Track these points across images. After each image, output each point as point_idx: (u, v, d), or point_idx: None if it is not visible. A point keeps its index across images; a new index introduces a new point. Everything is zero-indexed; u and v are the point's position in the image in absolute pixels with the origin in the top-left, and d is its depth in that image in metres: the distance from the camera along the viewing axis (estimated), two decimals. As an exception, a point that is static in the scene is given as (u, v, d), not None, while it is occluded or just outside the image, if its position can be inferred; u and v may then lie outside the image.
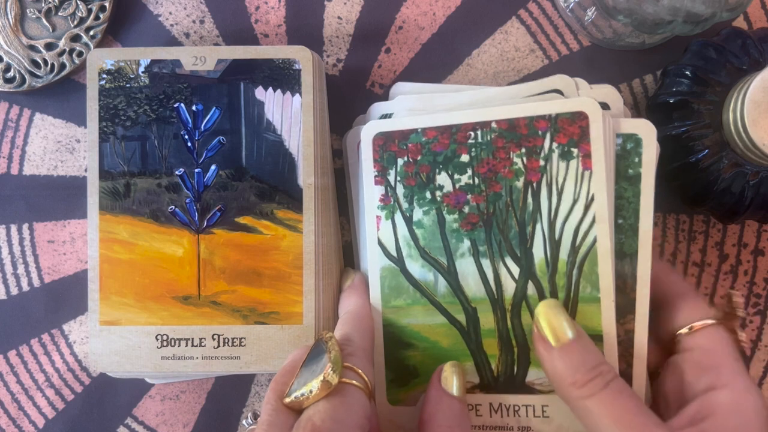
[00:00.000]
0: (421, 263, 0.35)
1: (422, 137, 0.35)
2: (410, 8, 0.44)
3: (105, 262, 0.39)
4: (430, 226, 0.35)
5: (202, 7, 0.44)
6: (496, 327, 0.34)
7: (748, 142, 0.36)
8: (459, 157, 0.34)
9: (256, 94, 0.39)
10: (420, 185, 0.35)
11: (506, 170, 0.34)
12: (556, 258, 0.34)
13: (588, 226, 0.33)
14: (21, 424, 0.44)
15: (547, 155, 0.33)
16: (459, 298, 0.35)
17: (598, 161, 0.33)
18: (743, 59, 0.38)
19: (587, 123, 0.33)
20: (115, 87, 0.39)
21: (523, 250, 0.34)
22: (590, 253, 0.33)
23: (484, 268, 0.34)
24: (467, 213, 0.34)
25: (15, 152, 0.45)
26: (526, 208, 0.34)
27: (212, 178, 0.39)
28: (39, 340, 0.44)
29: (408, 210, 0.35)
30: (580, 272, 0.33)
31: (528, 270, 0.34)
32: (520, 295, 0.34)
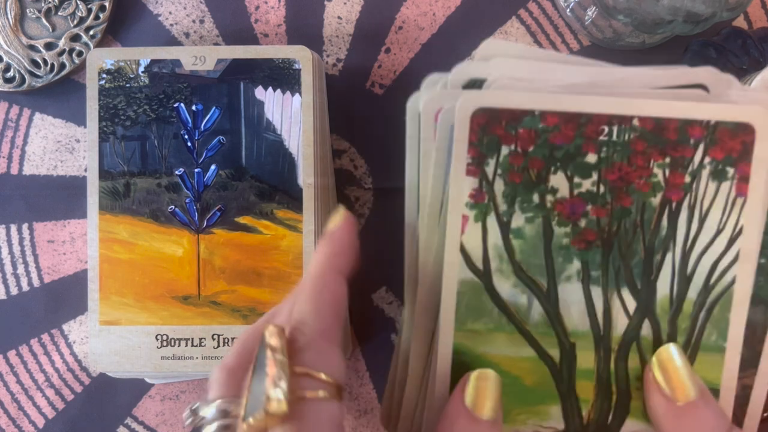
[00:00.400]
0: (514, 282, 0.28)
1: (539, 123, 0.27)
2: (410, 8, 0.44)
3: (105, 262, 0.39)
4: (532, 238, 0.28)
5: (201, 6, 0.44)
6: (595, 368, 0.28)
7: (748, 141, 0.36)
8: (584, 156, 0.27)
9: (256, 93, 0.39)
10: (527, 184, 0.27)
11: (642, 182, 0.27)
12: (683, 296, 0.28)
13: (728, 263, 0.27)
14: (21, 424, 0.44)
15: (695, 171, 0.27)
16: (555, 330, 0.28)
17: (756, 188, 0.27)
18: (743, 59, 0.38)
19: (753, 139, 0.26)
20: (114, 87, 0.39)
21: (646, 281, 0.28)
22: (724, 296, 0.27)
23: (593, 298, 0.28)
24: (583, 228, 0.27)
25: (15, 152, 0.45)
26: (659, 232, 0.27)
27: (212, 177, 0.39)
28: (39, 340, 0.44)
29: (506, 213, 0.27)
30: (708, 316, 0.28)
31: (646, 306, 0.28)
32: (632, 334, 0.28)
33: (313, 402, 0.24)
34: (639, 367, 0.28)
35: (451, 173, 0.27)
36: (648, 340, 0.28)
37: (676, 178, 0.27)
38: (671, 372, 0.27)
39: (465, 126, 0.27)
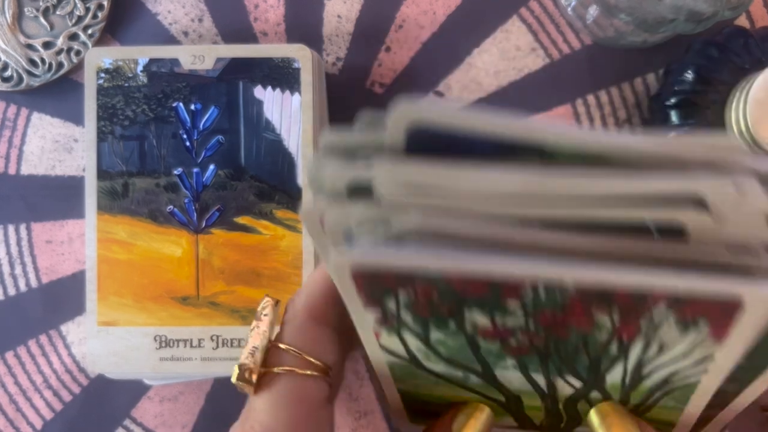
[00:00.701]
0: (445, 365, 0.24)
1: (439, 278, 0.20)
2: (410, 7, 0.44)
3: (103, 263, 0.39)
4: (458, 346, 0.23)
5: (200, 5, 0.44)
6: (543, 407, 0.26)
7: (750, 140, 0.36)
8: (505, 304, 0.20)
9: (255, 93, 0.39)
10: (439, 318, 0.22)
11: (583, 323, 0.21)
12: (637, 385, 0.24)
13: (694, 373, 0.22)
14: (19, 426, 0.44)
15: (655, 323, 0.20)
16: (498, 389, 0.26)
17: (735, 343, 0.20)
18: (745, 58, 0.38)
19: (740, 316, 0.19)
20: (113, 86, 0.39)
21: (593, 376, 0.24)
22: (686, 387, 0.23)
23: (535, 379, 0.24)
24: (515, 345, 0.22)
25: (12, 152, 0.44)
26: (607, 354, 0.22)
27: (211, 177, 0.39)
28: (37, 341, 0.44)
29: (422, 332, 0.23)
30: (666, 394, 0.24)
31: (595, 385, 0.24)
32: (578, 396, 0.25)
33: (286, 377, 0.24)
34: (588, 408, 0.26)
35: (348, 305, 0.22)
36: (598, 399, 0.25)
37: (630, 326, 0.20)
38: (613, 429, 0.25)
39: (349, 286, 0.21)
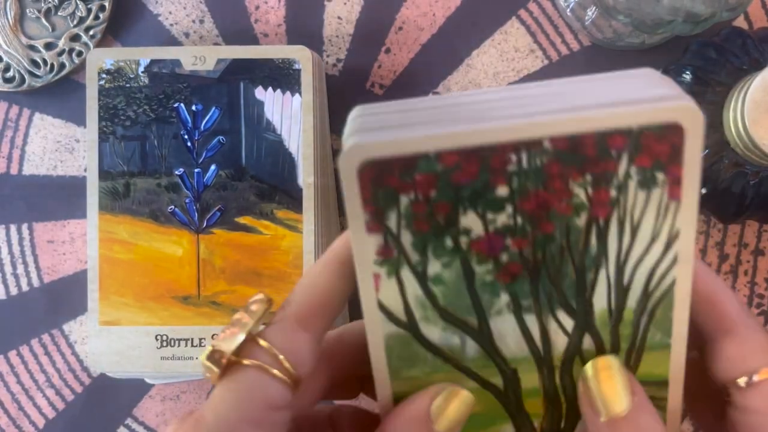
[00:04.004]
0: (443, 326, 0.26)
1: (437, 165, 0.23)
2: (410, 9, 0.44)
3: (104, 262, 0.39)
4: (454, 282, 0.25)
5: (201, 6, 0.44)
6: (541, 386, 0.27)
7: (748, 141, 0.36)
8: (494, 191, 0.24)
9: (256, 93, 0.39)
10: (437, 230, 0.24)
11: (563, 205, 0.24)
12: (622, 307, 0.26)
13: (666, 267, 0.25)
14: (21, 425, 0.44)
15: (621, 183, 0.24)
16: (494, 361, 0.27)
17: (690, 189, 0.24)
18: (743, 59, 0.38)
19: (682, 140, 0.23)
20: (114, 87, 0.39)
21: (581, 300, 0.26)
22: (665, 298, 0.26)
23: (528, 325, 0.26)
24: (506, 262, 0.25)
25: (14, 152, 0.45)
26: (588, 252, 0.25)
27: (212, 178, 0.39)
28: (39, 340, 0.44)
29: (420, 264, 0.25)
30: (651, 319, 0.26)
31: (585, 323, 0.26)
32: (573, 351, 0.26)
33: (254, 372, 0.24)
34: None
35: (351, 232, 0.24)
36: (591, 351, 0.26)
37: (601, 195, 0.24)
38: (603, 383, 0.25)
39: (353, 183, 0.23)
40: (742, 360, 0.25)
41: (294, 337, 0.25)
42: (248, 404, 0.23)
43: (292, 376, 0.24)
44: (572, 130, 0.23)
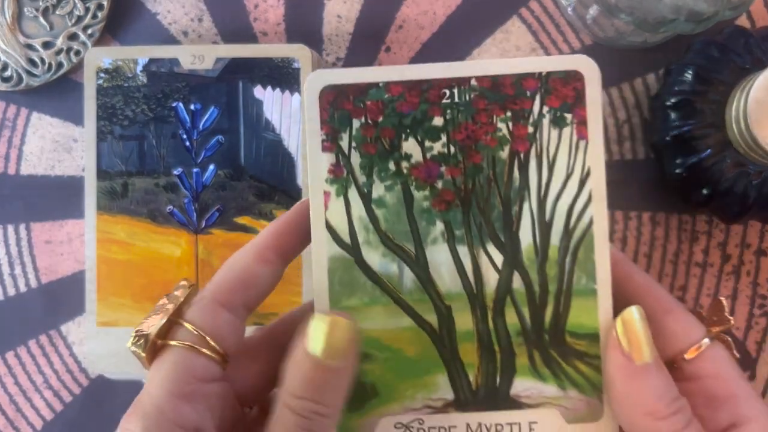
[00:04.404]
0: (383, 252, 0.29)
1: (384, 93, 0.28)
2: (410, 7, 0.43)
3: (102, 263, 0.39)
4: (394, 205, 0.29)
5: (200, 5, 0.44)
6: (475, 329, 0.29)
7: (751, 141, 0.35)
8: (431, 120, 0.29)
9: (255, 93, 0.39)
10: (381, 154, 0.29)
11: (488, 137, 0.29)
12: (546, 243, 0.29)
13: (583, 205, 0.29)
14: (19, 426, 0.44)
15: (536, 121, 0.29)
16: (429, 294, 0.29)
17: (594, 129, 0.28)
18: (746, 58, 0.38)
19: (583, 85, 0.28)
20: (112, 86, 0.39)
21: (508, 234, 0.29)
22: (585, 238, 0.29)
23: (461, 257, 0.29)
24: (441, 189, 0.29)
25: (12, 152, 0.44)
26: (512, 184, 0.29)
27: (210, 177, 0.39)
28: (37, 341, 0.44)
29: (366, 185, 0.29)
30: (575, 260, 0.29)
31: (513, 258, 0.29)
32: (504, 289, 0.29)
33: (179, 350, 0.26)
34: (517, 322, 0.29)
35: (308, 151, 0.29)
36: (521, 292, 0.29)
37: (520, 130, 0.29)
38: (632, 333, 0.27)
39: (315, 104, 0.28)
40: (685, 333, 0.28)
41: (212, 314, 0.27)
42: (176, 380, 0.25)
43: (214, 350, 0.26)
44: (493, 71, 0.29)
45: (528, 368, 0.29)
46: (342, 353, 0.26)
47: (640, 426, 0.26)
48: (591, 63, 0.28)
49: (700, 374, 0.28)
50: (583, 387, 0.28)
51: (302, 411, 0.25)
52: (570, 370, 0.28)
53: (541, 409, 0.29)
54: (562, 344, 0.28)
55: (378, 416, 0.29)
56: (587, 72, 0.28)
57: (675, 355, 0.28)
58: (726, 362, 0.28)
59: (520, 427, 0.29)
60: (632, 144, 0.43)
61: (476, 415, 0.29)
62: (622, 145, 0.43)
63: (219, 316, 0.27)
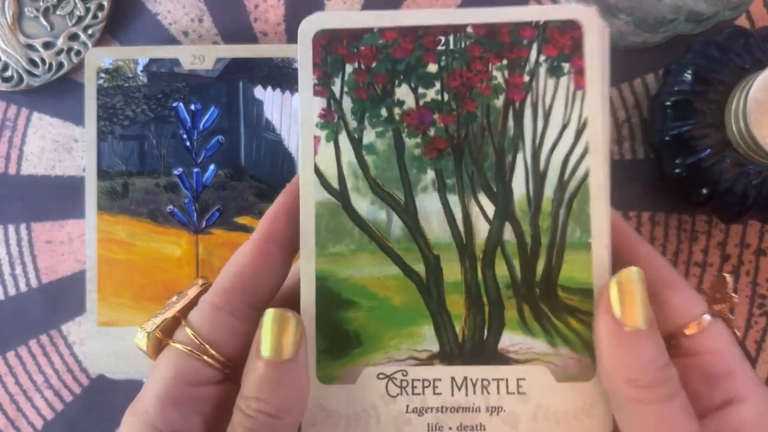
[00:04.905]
0: (371, 199, 0.28)
1: (379, 39, 0.28)
2: (410, 7, 0.43)
3: (103, 263, 0.39)
4: (385, 152, 0.28)
5: (200, 5, 0.44)
6: (463, 280, 0.28)
7: (750, 141, 0.35)
8: (425, 67, 0.28)
9: (255, 93, 0.39)
10: (374, 99, 0.28)
11: (483, 85, 0.28)
12: (540, 195, 0.28)
13: (579, 156, 0.28)
14: (19, 426, 0.44)
15: (532, 69, 0.28)
16: (418, 243, 0.28)
17: (592, 79, 0.28)
18: (746, 58, 0.38)
19: (581, 34, 0.28)
20: (113, 86, 0.39)
21: (501, 184, 0.28)
22: (581, 190, 0.28)
23: (451, 206, 0.28)
24: (433, 137, 0.28)
25: (12, 152, 0.44)
26: (507, 133, 0.28)
27: (211, 177, 0.39)
28: (37, 341, 0.44)
29: (357, 130, 0.28)
30: (569, 212, 0.28)
31: (505, 209, 0.28)
32: (494, 240, 0.28)
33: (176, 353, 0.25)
34: (507, 274, 0.28)
35: (300, 95, 0.28)
36: (512, 243, 0.28)
37: (516, 79, 0.28)
38: (627, 295, 0.26)
39: (308, 48, 0.28)
40: (686, 308, 0.27)
41: (210, 317, 0.26)
42: (166, 383, 0.25)
43: (210, 354, 0.26)
44: (490, 19, 0.28)
45: (517, 322, 0.28)
46: (288, 349, 0.25)
47: (621, 392, 0.25)
48: (591, 12, 0.28)
49: (699, 350, 0.27)
50: (574, 344, 0.27)
51: (247, 409, 0.25)
52: (561, 325, 0.27)
53: (530, 366, 0.28)
54: (554, 298, 0.27)
55: (361, 365, 0.28)
56: (586, 21, 0.28)
57: (674, 329, 0.27)
58: (726, 339, 0.27)
59: (507, 383, 0.28)
60: (632, 144, 0.43)
61: (462, 369, 0.28)
62: (622, 145, 0.43)
63: (217, 319, 0.26)
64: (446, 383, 0.28)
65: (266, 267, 0.27)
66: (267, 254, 0.27)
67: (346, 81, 0.28)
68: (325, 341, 0.28)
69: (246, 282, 0.27)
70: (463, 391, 0.28)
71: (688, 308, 0.27)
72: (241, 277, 0.27)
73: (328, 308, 0.28)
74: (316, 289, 0.28)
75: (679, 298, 0.27)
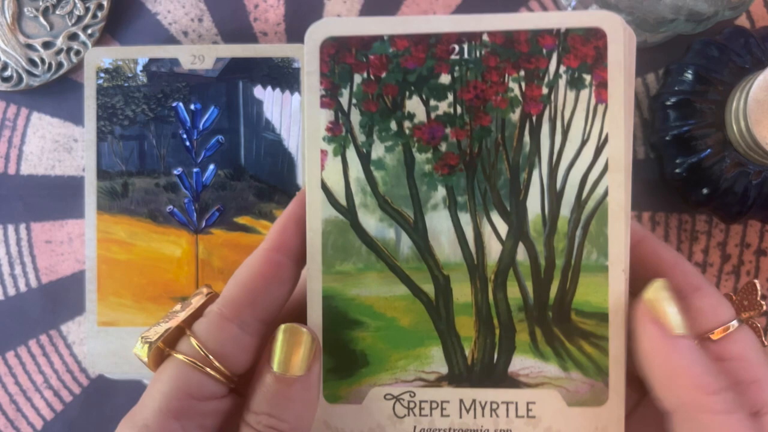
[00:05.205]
0: (380, 216, 0.27)
1: (389, 47, 0.26)
2: (410, 7, 0.43)
3: (103, 263, 0.39)
4: (394, 168, 0.27)
5: (200, 5, 0.44)
6: (473, 301, 0.27)
7: (750, 141, 0.35)
8: (437, 78, 0.26)
9: (255, 92, 0.39)
10: (383, 112, 0.27)
11: (499, 98, 0.26)
12: (555, 214, 0.27)
13: (598, 174, 0.26)
14: (19, 426, 0.44)
15: (552, 81, 0.26)
16: (427, 263, 0.27)
17: (615, 93, 0.26)
18: (746, 58, 0.38)
19: (605, 43, 0.26)
20: (112, 86, 0.39)
21: (515, 203, 0.27)
22: (599, 210, 0.26)
23: (462, 225, 0.27)
24: (444, 152, 0.27)
25: (12, 152, 0.44)
26: (522, 149, 0.26)
27: (211, 177, 0.39)
28: (37, 341, 0.44)
29: (365, 144, 0.27)
30: (585, 233, 0.26)
31: (519, 229, 0.27)
32: (507, 261, 0.27)
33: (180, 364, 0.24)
34: (519, 296, 0.27)
35: (306, 107, 0.27)
36: (525, 265, 0.27)
37: (533, 91, 0.26)
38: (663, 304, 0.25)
39: (315, 57, 0.27)
40: (713, 312, 0.26)
41: (218, 329, 0.25)
42: (169, 396, 0.24)
43: (216, 368, 0.25)
44: (508, 26, 0.26)
45: (528, 345, 0.27)
46: (301, 365, 0.25)
47: (690, 403, 0.24)
48: (616, 19, 0.26)
49: (725, 356, 0.26)
50: (587, 369, 0.26)
51: (257, 425, 0.24)
52: (574, 350, 0.26)
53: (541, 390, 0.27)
54: (567, 322, 0.26)
55: (368, 385, 0.27)
56: (611, 29, 0.26)
57: (699, 334, 0.26)
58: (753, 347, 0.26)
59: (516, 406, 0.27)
60: (632, 144, 0.43)
61: (470, 391, 0.27)
62: (622, 145, 0.43)
63: (225, 332, 0.25)
64: (454, 405, 0.27)
65: (277, 278, 0.26)
66: (278, 265, 0.26)
67: (354, 92, 0.27)
68: (331, 360, 0.27)
69: (256, 294, 0.26)
70: (472, 414, 0.27)
71: (715, 313, 0.27)
72: (252, 288, 0.26)
73: (334, 327, 0.27)
74: (323, 308, 0.27)
75: (706, 301, 0.27)
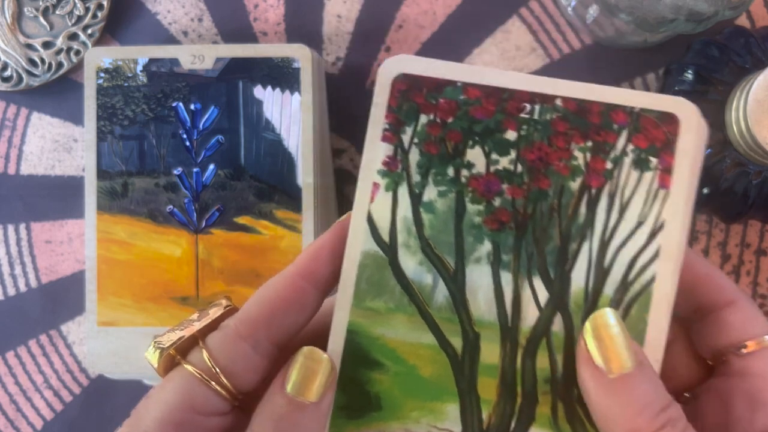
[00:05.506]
0: (420, 259, 0.26)
1: (461, 94, 0.26)
2: (410, 7, 0.43)
3: (102, 263, 0.39)
4: (444, 213, 0.26)
5: (200, 5, 0.44)
6: (500, 364, 0.26)
7: (750, 141, 0.35)
8: (504, 132, 0.26)
9: (255, 92, 0.39)
10: (443, 156, 0.26)
11: (562, 164, 0.26)
12: (599, 291, 0.26)
13: (648, 259, 0.26)
14: (19, 426, 0.44)
15: (617, 157, 0.26)
16: (460, 316, 0.26)
17: (679, 181, 0.26)
18: (746, 58, 0.38)
19: (676, 129, 0.26)
20: (112, 86, 0.39)
21: (560, 271, 0.26)
22: (643, 295, 0.26)
23: (502, 284, 0.26)
24: (497, 207, 0.26)
25: (12, 152, 0.44)
26: (576, 219, 0.26)
27: (211, 177, 0.39)
28: (37, 341, 0.44)
29: (419, 185, 0.26)
30: (625, 316, 0.26)
31: (559, 298, 0.26)
32: (542, 329, 0.26)
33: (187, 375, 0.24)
34: (548, 367, 0.26)
35: (367, 138, 0.26)
36: (559, 337, 0.26)
37: (597, 164, 0.26)
38: (606, 339, 0.24)
39: (385, 90, 0.26)
40: (743, 326, 0.26)
41: (231, 346, 0.24)
42: (173, 407, 0.24)
43: (223, 385, 0.24)
44: (583, 95, 0.26)
45: (548, 419, 0.26)
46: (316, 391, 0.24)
47: None
48: (691, 108, 0.26)
49: (748, 372, 0.26)
50: None
51: None
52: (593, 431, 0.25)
53: None
54: None
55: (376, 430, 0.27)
56: (685, 117, 0.26)
57: (726, 347, 0.26)
58: None
59: None
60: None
61: None
62: (622, 144, 0.43)
63: (238, 349, 0.25)
64: None
65: (298, 304, 0.26)
66: (302, 291, 0.26)
67: (417, 131, 0.26)
68: (343, 397, 0.26)
69: (274, 316, 0.25)
70: None
71: (745, 326, 0.26)
72: (271, 310, 0.25)
73: (353, 364, 0.27)
74: (345, 342, 0.26)
75: (738, 315, 0.26)
